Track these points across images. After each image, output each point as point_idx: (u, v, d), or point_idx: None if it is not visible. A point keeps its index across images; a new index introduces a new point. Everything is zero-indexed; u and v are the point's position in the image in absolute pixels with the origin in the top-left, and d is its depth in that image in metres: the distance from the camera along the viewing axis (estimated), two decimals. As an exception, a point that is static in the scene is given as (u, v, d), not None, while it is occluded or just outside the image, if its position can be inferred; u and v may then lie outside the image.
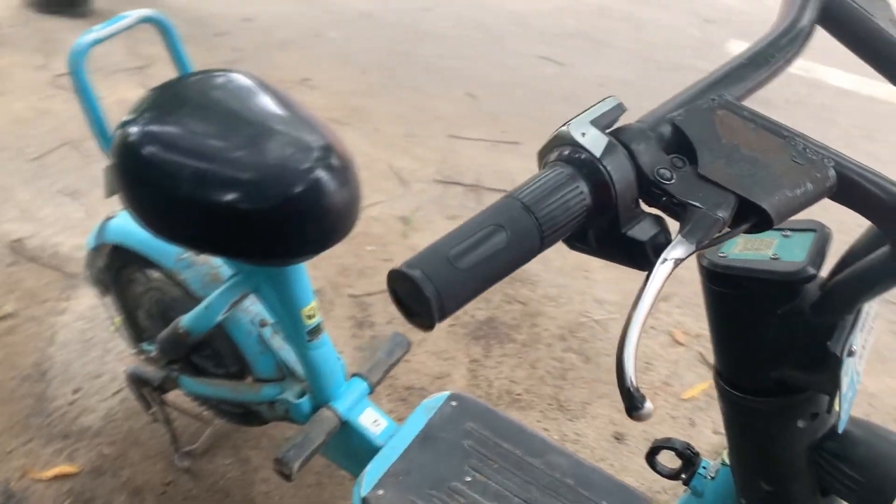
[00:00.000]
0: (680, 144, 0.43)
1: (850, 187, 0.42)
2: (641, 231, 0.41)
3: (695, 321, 2.06)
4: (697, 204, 0.40)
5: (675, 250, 0.39)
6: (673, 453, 0.79)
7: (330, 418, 1.15)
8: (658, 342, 1.99)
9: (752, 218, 0.41)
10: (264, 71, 3.27)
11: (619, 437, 1.70)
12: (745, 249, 0.56)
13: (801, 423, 0.60)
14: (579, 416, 1.74)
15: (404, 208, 2.46)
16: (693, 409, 1.80)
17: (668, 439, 0.79)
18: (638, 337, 0.37)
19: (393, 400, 1.73)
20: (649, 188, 0.41)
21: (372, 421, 1.19)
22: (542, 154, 0.44)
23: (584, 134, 0.41)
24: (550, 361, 1.88)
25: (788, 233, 0.56)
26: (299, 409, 1.19)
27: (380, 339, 1.90)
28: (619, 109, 0.43)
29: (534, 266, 2.21)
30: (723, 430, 0.68)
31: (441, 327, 1.96)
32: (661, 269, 0.38)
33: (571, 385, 1.82)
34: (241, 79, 0.97)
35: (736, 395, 0.61)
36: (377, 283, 2.10)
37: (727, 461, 0.74)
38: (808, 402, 0.59)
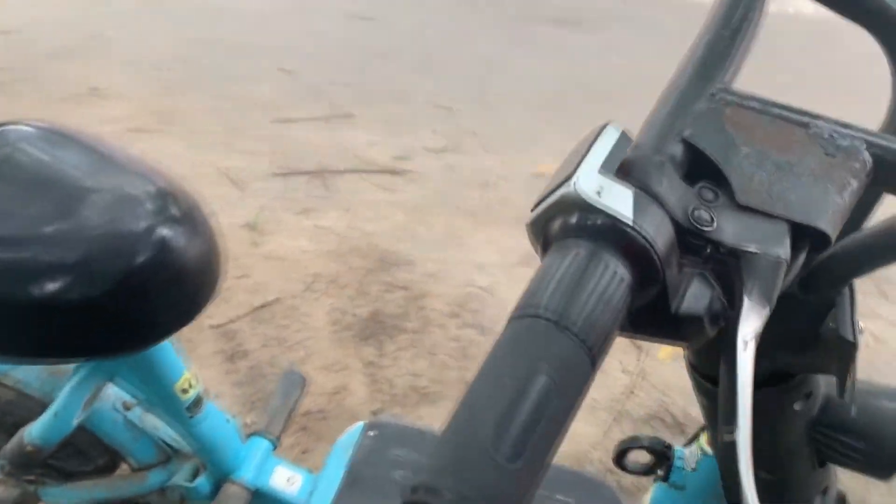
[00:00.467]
0: (694, 166, 0.34)
1: (887, 169, 0.35)
2: (695, 301, 0.32)
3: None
4: (753, 249, 0.32)
5: (749, 323, 0.30)
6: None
7: (237, 493, 1.01)
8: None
9: (807, 243, 0.34)
10: (41, 87, 2.89)
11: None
12: None
13: (797, 406, 0.55)
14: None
15: (246, 213, 2.27)
16: (599, 355, 1.81)
17: (635, 438, 0.73)
18: (750, 466, 0.28)
19: (293, 433, 1.60)
20: (687, 240, 0.32)
21: (285, 480, 1.07)
22: (538, 229, 0.33)
23: (599, 191, 0.31)
24: (448, 343, 1.81)
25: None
26: (198, 492, 1.04)
27: (269, 382, 1.74)
28: (625, 141, 0.34)
29: (404, 245, 2.12)
30: (631, 370, 0.62)
31: (323, 335, 1.84)
32: (745, 357, 0.29)
33: (475, 362, 1.77)
34: (30, 131, 0.79)
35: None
36: (237, 306, 1.92)
37: (707, 450, 0.70)
38: (802, 383, 0.54)
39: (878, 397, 0.57)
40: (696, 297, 0.32)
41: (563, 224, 0.31)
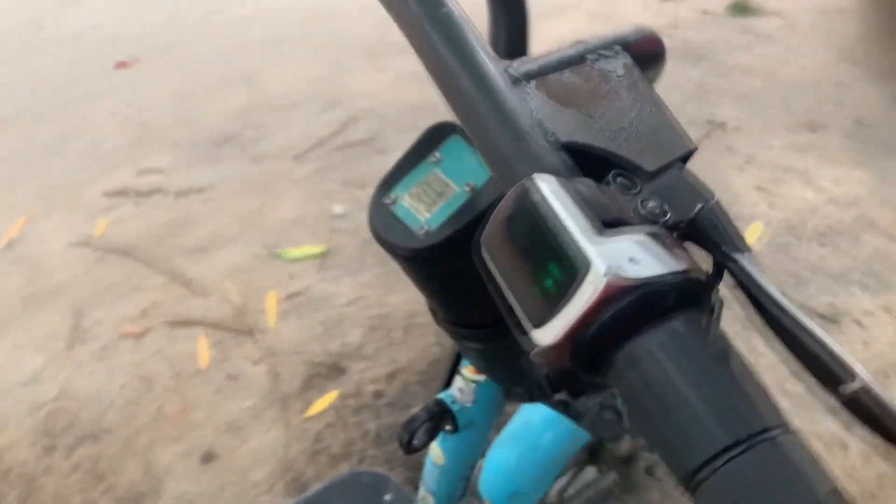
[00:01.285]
0: (580, 162, 0.31)
1: (638, 56, 0.37)
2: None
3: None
4: (697, 206, 0.30)
5: (755, 269, 0.28)
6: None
7: None
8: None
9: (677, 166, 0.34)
10: None
11: (208, 459, 1.54)
12: (431, 207, 0.46)
13: None
14: (160, 484, 1.51)
15: None
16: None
17: (412, 420, 0.71)
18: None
19: None
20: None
21: None
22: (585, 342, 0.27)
23: (632, 259, 0.27)
24: (69, 480, 1.53)
25: (438, 156, 0.48)
26: None
27: None
28: (568, 185, 0.29)
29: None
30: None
31: None
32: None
33: (115, 476, 1.53)
34: None
35: (481, 332, 0.55)
36: None
37: (477, 378, 0.71)
38: None
39: None
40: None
41: (632, 318, 0.26)
